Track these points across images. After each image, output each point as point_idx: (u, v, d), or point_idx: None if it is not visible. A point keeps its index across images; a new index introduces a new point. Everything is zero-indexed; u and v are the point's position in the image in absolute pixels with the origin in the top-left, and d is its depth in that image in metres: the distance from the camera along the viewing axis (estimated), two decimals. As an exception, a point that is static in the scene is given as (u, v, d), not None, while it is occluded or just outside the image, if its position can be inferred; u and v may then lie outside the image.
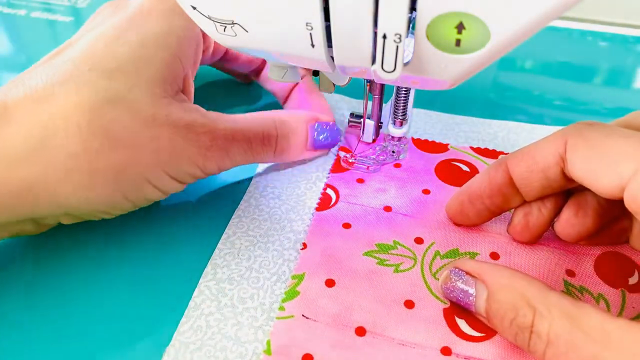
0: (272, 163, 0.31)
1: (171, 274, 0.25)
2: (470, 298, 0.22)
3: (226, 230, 0.27)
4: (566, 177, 0.23)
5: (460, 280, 0.22)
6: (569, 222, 0.24)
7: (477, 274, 0.22)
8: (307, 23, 0.20)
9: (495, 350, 0.22)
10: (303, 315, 0.23)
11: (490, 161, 0.31)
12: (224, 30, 0.22)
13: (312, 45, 0.21)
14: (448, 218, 0.28)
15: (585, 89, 0.40)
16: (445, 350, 0.22)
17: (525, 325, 0.20)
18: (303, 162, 0.31)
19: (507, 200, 0.25)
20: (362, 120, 0.31)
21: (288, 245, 0.26)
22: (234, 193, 0.30)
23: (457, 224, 0.27)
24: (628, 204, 0.20)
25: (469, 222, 0.27)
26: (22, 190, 0.22)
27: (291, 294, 0.24)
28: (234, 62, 0.36)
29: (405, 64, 0.20)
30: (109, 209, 0.25)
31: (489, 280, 0.21)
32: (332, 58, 0.21)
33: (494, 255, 0.26)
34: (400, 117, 0.29)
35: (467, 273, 0.22)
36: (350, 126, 0.32)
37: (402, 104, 0.29)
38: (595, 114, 0.38)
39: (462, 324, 0.23)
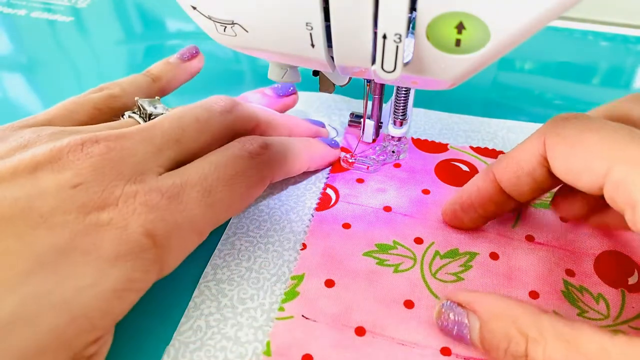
0: None
1: (171, 274, 0.25)
2: (465, 330, 0.21)
3: (226, 230, 0.27)
4: (554, 176, 0.22)
5: (452, 313, 0.21)
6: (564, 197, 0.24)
7: (467, 303, 0.21)
8: (307, 23, 0.20)
9: (495, 350, 0.22)
10: (303, 316, 0.23)
11: (490, 161, 0.31)
12: (224, 30, 0.22)
13: (312, 45, 0.21)
14: (444, 223, 0.28)
15: (586, 89, 0.40)
16: (445, 351, 0.22)
17: (519, 354, 0.19)
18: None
19: (500, 206, 0.25)
20: (362, 120, 0.31)
21: (288, 245, 0.26)
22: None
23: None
24: (609, 202, 0.19)
25: (465, 227, 0.27)
26: None
27: (291, 295, 0.24)
28: None
29: (405, 64, 0.20)
30: None
31: (479, 309, 0.21)
32: (332, 58, 0.21)
33: (494, 255, 0.26)
34: (400, 117, 0.29)
35: (458, 304, 0.21)
36: (350, 126, 0.32)
37: (402, 104, 0.29)
38: (595, 114, 0.38)
39: (462, 324, 0.23)
